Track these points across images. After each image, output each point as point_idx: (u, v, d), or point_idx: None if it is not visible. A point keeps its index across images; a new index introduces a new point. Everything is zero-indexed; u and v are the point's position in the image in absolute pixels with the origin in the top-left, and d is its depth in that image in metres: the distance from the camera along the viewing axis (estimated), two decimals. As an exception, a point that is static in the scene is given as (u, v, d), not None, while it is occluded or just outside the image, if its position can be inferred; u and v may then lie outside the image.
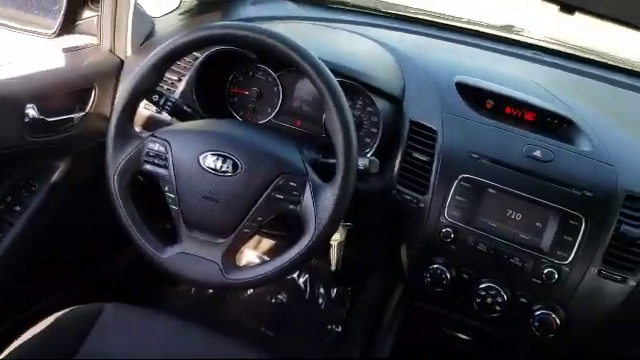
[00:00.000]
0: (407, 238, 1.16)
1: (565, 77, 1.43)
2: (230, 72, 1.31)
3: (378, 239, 1.40)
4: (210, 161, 0.97)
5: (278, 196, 0.95)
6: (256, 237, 2.07)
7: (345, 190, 0.93)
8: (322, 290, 2.04)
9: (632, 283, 1.01)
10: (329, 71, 0.96)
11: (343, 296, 2.03)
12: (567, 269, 1.02)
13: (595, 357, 1.35)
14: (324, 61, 0.97)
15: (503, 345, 1.30)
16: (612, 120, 1.20)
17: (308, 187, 0.95)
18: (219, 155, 0.96)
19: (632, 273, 1.01)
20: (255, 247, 2.11)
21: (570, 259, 1.02)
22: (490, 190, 1.07)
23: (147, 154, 1.00)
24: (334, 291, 2.03)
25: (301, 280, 2.07)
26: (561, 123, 1.16)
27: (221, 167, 0.96)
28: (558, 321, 1.04)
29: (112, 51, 1.36)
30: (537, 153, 1.07)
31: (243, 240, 0.98)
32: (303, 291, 2.05)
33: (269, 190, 0.95)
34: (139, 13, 1.38)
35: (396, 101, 1.20)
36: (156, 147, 0.99)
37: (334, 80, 0.96)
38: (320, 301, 2.03)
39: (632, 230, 0.99)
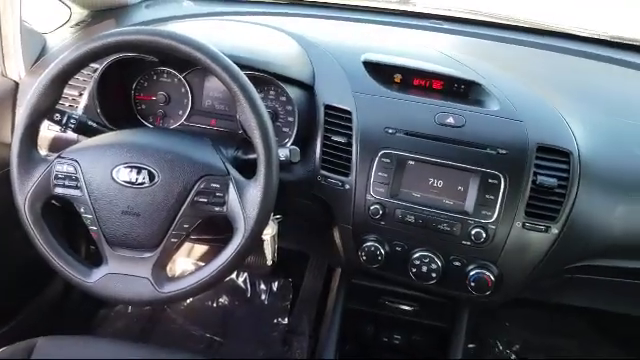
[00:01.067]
0: (338, 221, 1.17)
1: (469, 42, 1.48)
2: (133, 79, 1.26)
3: (310, 226, 1.40)
4: (124, 174, 0.93)
5: (202, 200, 0.93)
6: (188, 244, 2.04)
7: (269, 184, 0.93)
8: (263, 286, 2.04)
9: (555, 231, 1.05)
10: (235, 66, 0.94)
11: (285, 288, 2.03)
12: (493, 227, 1.05)
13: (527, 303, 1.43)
14: (229, 55, 0.95)
15: (445, 309, 1.34)
16: (517, 79, 1.25)
17: (232, 186, 0.94)
18: (132, 167, 0.93)
19: (554, 221, 1.05)
20: (189, 254, 2.07)
21: (495, 217, 1.05)
22: (410, 162, 1.09)
23: (56, 177, 0.95)
24: (275, 285, 2.03)
25: (240, 280, 2.06)
26: (468, 88, 1.20)
27: (137, 179, 0.93)
28: (492, 278, 1.07)
29: (4, 74, 1.29)
30: (449, 120, 1.10)
31: (172, 251, 0.96)
32: (244, 290, 2.04)
33: (191, 195, 0.93)
34: (27, 31, 1.31)
35: (308, 87, 1.20)
36: (64, 168, 0.95)
37: (242, 74, 0.94)
38: (263, 297, 2.02)
39: (548, 180, 1.04)
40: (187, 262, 2.04)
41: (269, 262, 1.18)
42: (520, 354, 1.86)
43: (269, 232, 1.09)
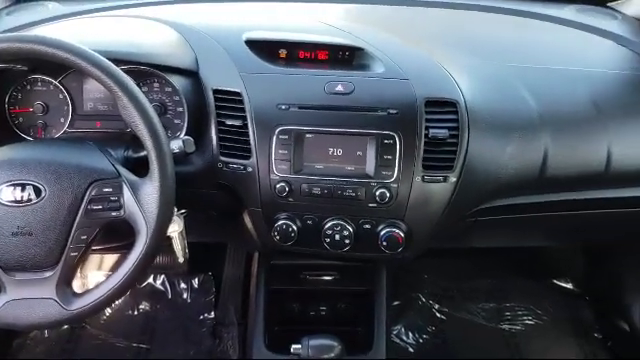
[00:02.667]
0: (246, 205, 1.15)
1: (352, 9, 1.49)
2: (4, 92, 1.17)
3: (220, 215, 1.38)
4: (8, 194, 0.87)
5: (96, 207, 0.89)
6: (98, 256, 1.96)
7: (165, 179, 0.90)
8: (183, 285, 2.00)
9: (453, 179, 1.09)
10: (108, 62, 0.90)
11: (206, 282, 2.00)
12: (395, 185, 1.08)
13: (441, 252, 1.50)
14: (102, 52, 0.91)
15: (364, 272, 1.37)
16: (400, 39, 1.27)
17: (125, 188, 0.90)
18: (16, 184, 0.87)
19: (450, 170, 1.09)
20: (99, 267, 1.99)
21: (395, 175, 1.07)
22: (307, 135, 1.09)
23: None
24: (195, 281, 1.99)
25: (158, 283, 2.01)
26: (353, 54, 1.21)
27: (22, 197, 0.87)
28: (402, 234, 1.11)
29: None
30: (339, 88, 1.11)
31: (74, 266, 0.91)
32: (164, 292, 1.99)
33: (84, 204, 0.89)
34: None
35: (193, 74, 1.17)
36: (-60, 198, 0.87)
37: (117, 70, 0.90)
38: (185, 296, 1.98)
39: (439, 132, 1.07)
40: (100, 275, 1.96)
41: (181, 259, 1.15)
42: (442, 302, 1.94)
43: (176, 229, 1.06)
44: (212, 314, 1.91)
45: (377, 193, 1.08)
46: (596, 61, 1.37)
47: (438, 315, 1.90)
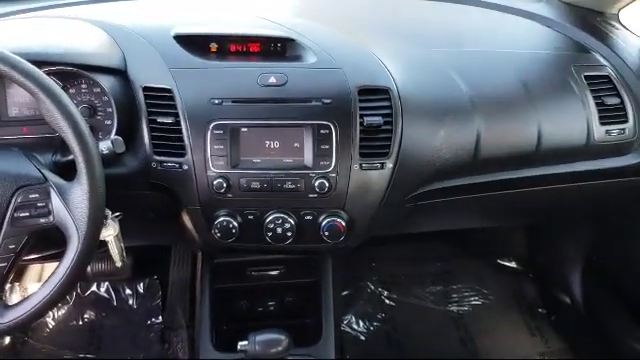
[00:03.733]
0: (185, 204, 1.13)
1: (284, 1, 1.49)
2: None
3: (159, 216, 1.35)
4: None
5: (22, 215, 0.85)
6: (38, 267, 1.89)
7: (94, 182, 0.87)
8: (128, 290, 1.95)
9: (390, 165, 1.10)
10: (29, 65, 0.86)
11: (152, 286, 1.96)
12: (334, 175, 1.08)
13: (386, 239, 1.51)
14: (23, 54, 0.87)
15: (309, 264, 1.37)
16: (332, 29, 1.28)
17: (53, 193, 0.86)
18: None
19: (387, 157, 1.10)
20: (39, 278, 1.92)
21: (333, 165, 1.07)
22: (243, 129, 1.08)
23: None
24: (141, 286, 1.95)
25: (102, 290, 1.95)
26: (285, 45, 1.20)
27: None
28: (343, 223, 1.11)
29: None
30: (272, 80, 1.10)
31: (4, 276, 0.87)
32: (109, 300, 1.94)
33: (9, 212, 0.85)
34: None
35: (121, 73, 1.13)
36: None
37: (38, 72, 0.86)
38: (130, 302, 1.94)
39: (374, 119, 1.08)
40: (38, 286, 1.88)
41: (118, 264, 1.12)
42: (390, 289, 1.96)
43: (111, 232, 1.03)
44: (160, 318, 1.88)
45: (316, 184, 1.08)
46: (524, 43, 1.41)
47: (387, 302, 1.92)
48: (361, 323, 1.84)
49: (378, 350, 1.76)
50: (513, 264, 2.09)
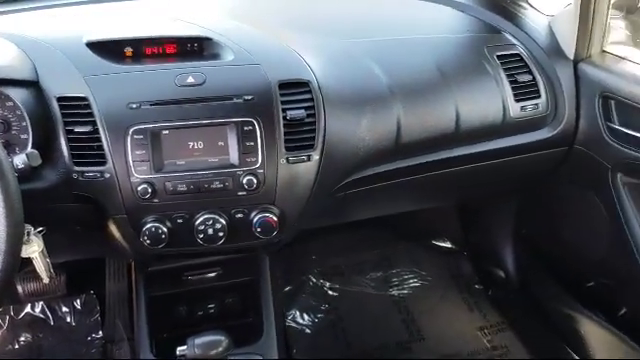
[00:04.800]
0: (110, 213, 1.10)
1: (201, 2, 1.47)
2: None
3: (86, 228, 1.31)
4: None
5: None
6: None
7: (9, 198, 0.83)
8: (65, 308, 1.88)
9: (316, 157, 1.11)
10: None
11: (89, 302, 1.90)
12: (261, 171, 1.08)
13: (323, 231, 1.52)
14: None
15: (246, 262, 1.36)
16: (249, 26, 1.28)
17: None
18: None
19: (312, 149, 1.11)
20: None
21: (260, 161, 1.07)
22: (164, 132, 1.06)
23: None
24: (77, 302, 1.89)
25: (37, 310, 1.88)
26: (202, 44, 1.20)
27: None
28: (275, 218, 1.11)
29: None
30: (189, 80, 1.09)
31: None
32: (45, 320, 1.86)
33: None
34: None
35: (33, 85, 1.09)
36: None
37: None
38: (68, 319, 1.87)
39: (296, 112, 1.09)
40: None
41: (46, 280, 1.08)
42: (332, 279, 1.98)
43: (35, 249, 0.99)
44: (100, 333, 1.82)
45: (244, 181, 1.07)
46: (437, 28, 1.45)
47: (330, 292, 1.94)
48: (306, 317, 1.84)
49: (324, 341, 1.78)
50: (448, 244, 2.15)
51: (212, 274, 1.35)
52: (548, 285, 1.71)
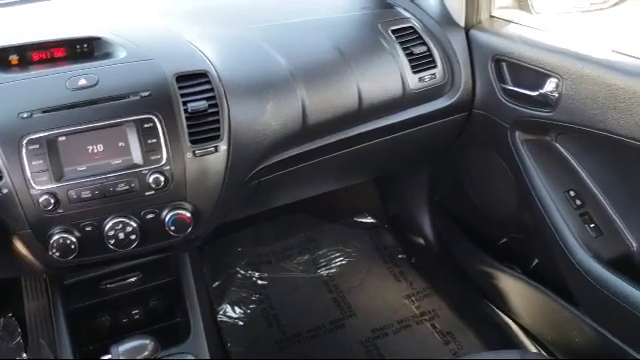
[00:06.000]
0: (14, 230, 1.05)
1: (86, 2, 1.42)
2: None
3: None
4: None
5: None
6: None
7: None
8: (-19, 335, 1.78)
9: (224, 147, 1.10)
10: None
11: (8, 325, 1.80)
12: (168, 167, 1.05)
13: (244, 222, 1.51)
14: None
15: (166, 263, 1.34)
16: (139, 22, 1.26)
17: None
18: None
19: (219, 139, 1.09)
20: None
21: (165, 157, 1.05)
22: (60, 139, 1.01)
23: None
24: (-5, 327, 1.79)
25: (-50, 342, 1.77)
26: (92, 45, 1.15)
27: None
28: (188, 214, 1.09)
29: None
30: (82, 82, 1.04)
31: None
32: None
33: None
34: None
35: None
36: None
37: None
38: (-12, 347, 1.77)
39: (198, 104, 1.07)
40: None
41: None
42: (260, 269, 1.98)
43: None
44: (24, 355, 1.74)
45: (151, 180, 1.04)
46: (333, 8, 1.46)
47: (260, 282, 1.94)
48: (237, 309, 1.84)
49: (258, 330, 1.78)
50: (370, 219, 2.19)
51: (132, 279, 1.32)
52: (465, 246, 1.78)
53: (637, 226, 1.25)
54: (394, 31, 1.38)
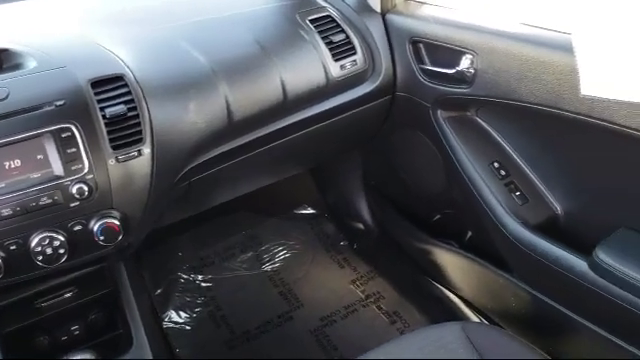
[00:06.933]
0: None
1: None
2: None
3: None
4: None
5: None
6: None
7: None
8: None
9: (147, 150, 1.07)
10: None
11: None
12: (91, 176, 1.02)
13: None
14: None
15: (102, 274, 1.30)
16: (49, 30, 1.22)
17: None
18: None
19: (141, 143, 1.06)
20: None
21: (87, 166, 1.01)
22: None
23: None
24: None
25: None
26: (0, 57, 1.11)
27: None
28: (117, 222, 1.06)
29: None
30: None
31: None
32: None
33: None
34: None
35: None
36: None
37: None
38: None
39: (116, 109, 1.04)
40: None
41: None
42: (203, 271, 1.96)
43: None
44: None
45: (74, 191, 1.01)
46: (249, 2, 1.45)
47: (204, 284, 1.92)
48: (183, 314, 1.81)
49: (206, 333, 1.76)
50: (309, 210, 2.21)
51: (68, 294, 1.27)
52: (403, 227, 1.81)
53: (560, 191, 1.31)
54: (312, 20, 1.39)
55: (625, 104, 0.97)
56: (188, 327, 1.78)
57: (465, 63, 1.26)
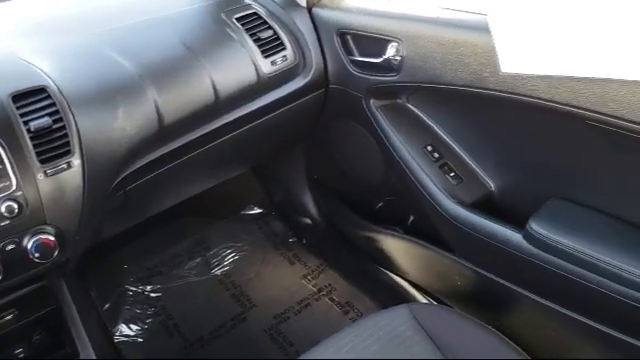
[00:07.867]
0: None
1: None
2: None
3: None
4: None
5: None
6: None
7: None
8: None
9: (77, 161, 1.03)
10: None
11: None
12: (20, 193, 0.98)
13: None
14: None
15: (44, 292, 1.26)
16: None
17: None
18: None
19: (70, 154, 1.03)
20: None
21: (15, 183, 0.98)
22: None
23: None
24: None
25: None
26: None
27: None
28: (52, 237, 1.03)
29: None
30: None
31: None
32: None
33: None
34: None
35: None
36: None
37: None
38: None
39: (40, 122, 1.01)
40: None
41: None
42: (151, 281, 1.93)
43: None
44: None
45: (3, 209, 0.98)
46: (175, 2, 1.44)
47: (153, 295, 1.89)
48: (134, 326, 1.77)
49: (160, 343, 1.73)
50: (256, 210, 2.20)
51: (8, 317, 1.23)
52: (348, 217, 1.83)
53: (491, 168, 1.35)
54: (238, 19, 1.38)
55: (545, 78, 1.01)
56: (140, 339, 1.74)
57: (391, 51, 1.29)
